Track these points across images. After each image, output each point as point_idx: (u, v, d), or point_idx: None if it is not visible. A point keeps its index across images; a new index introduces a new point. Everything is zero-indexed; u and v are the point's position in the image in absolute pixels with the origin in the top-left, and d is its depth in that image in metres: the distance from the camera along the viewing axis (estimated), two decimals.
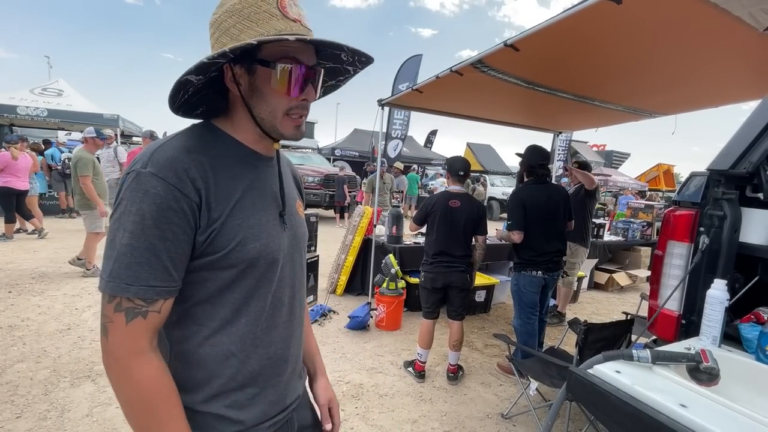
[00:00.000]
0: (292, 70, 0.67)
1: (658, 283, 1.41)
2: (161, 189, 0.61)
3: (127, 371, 0.61)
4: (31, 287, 4.09)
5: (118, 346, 0.61)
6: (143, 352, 0.62)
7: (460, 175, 2.78)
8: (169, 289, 0.63)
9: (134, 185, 0.61)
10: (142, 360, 0.62)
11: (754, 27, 1.92)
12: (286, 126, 0.72)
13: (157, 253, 0.61)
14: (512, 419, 2.45)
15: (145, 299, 0.61)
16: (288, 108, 0.70)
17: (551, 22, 1.93)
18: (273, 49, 0.66)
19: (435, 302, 2.81)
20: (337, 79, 0.84)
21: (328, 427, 0.95)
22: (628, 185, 18.70)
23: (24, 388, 2.37)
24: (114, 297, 0.61)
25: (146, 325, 0.62)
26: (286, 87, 0.68)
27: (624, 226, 6.18)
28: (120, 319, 0.61)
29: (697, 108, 3.41)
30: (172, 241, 0.62)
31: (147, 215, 0.60)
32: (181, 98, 0.70)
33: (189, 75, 0.64)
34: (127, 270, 0.60)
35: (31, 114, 8.47)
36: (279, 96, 0.69)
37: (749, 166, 1.19)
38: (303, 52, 0.69)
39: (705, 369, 0.94)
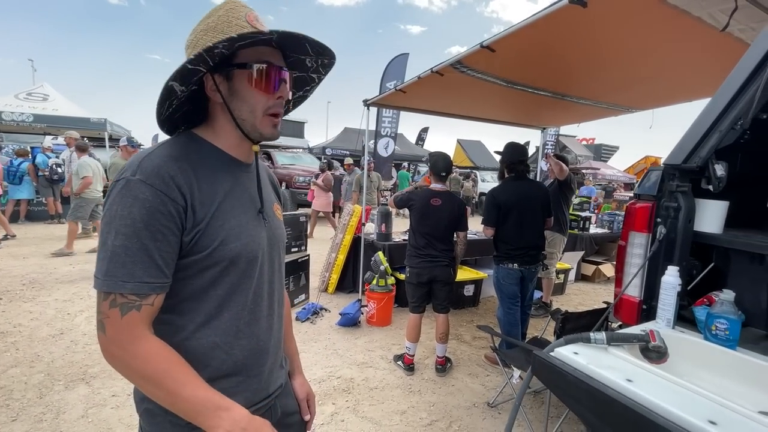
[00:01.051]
0: (267, 68, 0.75)
1: (622, 271, 1.50)
2: (150, 194, 0.67)
3: (132, 353, 0.67)
4: (22, 293, 4.09)
5: (117, 335, 0.67)
6: (142, 335, 0.68)
7: (442, 176, 2.88)
8: (161, 285, 0.70)
9: (125, 191, 0.67)
10: (143, 340, 0.68)
11: (714, 26, 2.02)
12: (264, 125, 0.78)
13: (150, 253, 0.67)
14: (497, 407, 2.55)
15: (139, 294, 0.67)
16: (266, 106, 0.77)
17: (523, 24, 2.01)
18: (248, 54, 0.75)
19: (421, 296, 2.90)
20: (304, 90, 0.92)
21: (307, 417, 1.05)
22: (617, 178, 18.99)
23: (19, 392, 2.41)
24: (109, 294, 0.66)
25: (140, 316, 0.68)
26: (263, 84, 0.76)
27: (610, 219, 6.33)
28: (115, 314, 0.67)
29: (672, 103, 3.53)
30: (161, 242, 0.68)
31: (138, 219, 0.66)
32: (166, 110, 0.77)
33: (174, 81, 0.71)
34: (123, 268, 0.66)
35: (17, 119, 8.39)
36: (257, 95, 0.76)
37: (699, 161, 1.29)
38: (273, 56, 0.77)
39: (653, 348, 1.03)
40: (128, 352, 0.67)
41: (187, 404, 0.68)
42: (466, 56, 2.49)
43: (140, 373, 0.68)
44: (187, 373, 0.70)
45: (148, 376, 0.68)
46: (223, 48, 0.70)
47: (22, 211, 8.16)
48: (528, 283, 3.01)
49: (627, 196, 8.51)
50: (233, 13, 0.75)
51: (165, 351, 0.70)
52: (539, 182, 3.35)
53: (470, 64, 2.65)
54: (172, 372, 0.68)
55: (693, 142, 1.30)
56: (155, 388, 0.68)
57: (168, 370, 0.68)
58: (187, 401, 0.68)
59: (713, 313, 1.14)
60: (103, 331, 0.67)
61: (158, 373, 0.68)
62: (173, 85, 0.73)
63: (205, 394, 0.69)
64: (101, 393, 2.44)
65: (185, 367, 0.70)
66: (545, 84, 3.09)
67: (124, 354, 0.67)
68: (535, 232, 2.96)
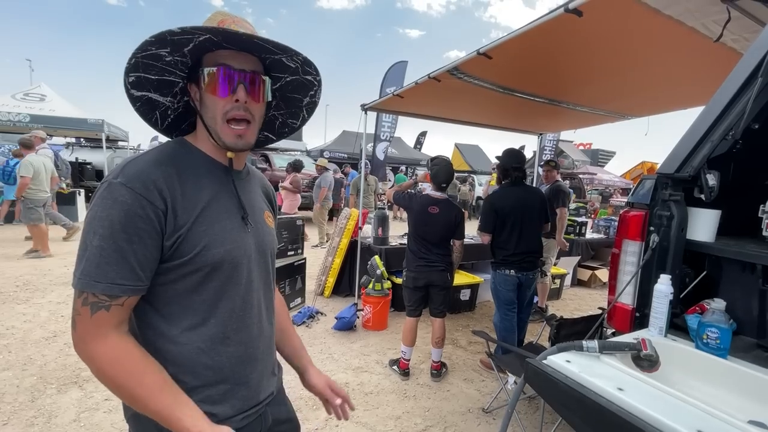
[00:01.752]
0: (215, 71, 0.74)
1: (615, 279, 1.51)
2: (129, 197, 0.68)
3: (95, 351, 0.68)
4: (15, 295, 4.06)
5: (85, 334, 0.68)
6: (108, 335, 0.69)
7: (442, 187, 2.90)
8: (134, 288, 0.70)
9: (105, 194, 0.69)
10: (108, 340, 0.69)
11: (708, 36, 2.04)
12: (225, 134, 0.76)
13: (125, 255, 0.68)
14: (492, 413, 2.55)
15: (110, 295, 0.68)
16: (224, 111, 0.75)
17: (520, 32, 2.03)
18: (208, 59, 0.76)
19: (417, 300, 2.91)
20: (309, 95, 0.91)
21: (338, 401, 1.02)
22: (614, 183, 19.08)
23: (10, 396, 2.39)
24: (83, 293, 0.68)
25: (109, 316, 0.69)
26: (212, 87, 0.74)
27: (606, 224, 6.36)
28: (86, 312, 0.68)
29: (667, 110, 3.57)
30: (138, 244, 0.69)
31: (116, 220, 0.67)
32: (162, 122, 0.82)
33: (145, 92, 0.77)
34: (96, 269, 0.67)
35: (13, 120, 8.36)
36: (213, 99, 0.75)
37: (691, 170, 1.30)
38: (234, 59, 0.75)
39: (645, 356, 1.04)
40: (93, 350, 0.68)
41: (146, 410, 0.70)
42: (463, 63, 2.51)
43: (102, 373, 0.69)
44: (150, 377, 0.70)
45: (109, 377, 0.69)
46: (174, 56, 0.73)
47: (17, 212, 8.11)
48: (526, 289, 3.01)
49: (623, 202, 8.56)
50: (211, 20, 0.77)
51: (130, 353, 0.70)
52: (536, 188, 3.36)
53: (467, 70, 2.67)
54: (133, 376, 0.69)
55: (686, 152, 1.32)
56: (117, 389, 0.69)
57: (129, 372, 0.69)
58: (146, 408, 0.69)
59: (704, 322, 1.15)
60: (74, 329, 0.69)
61: (119, 375, 0.69)
62: (149, 95, 0.78)
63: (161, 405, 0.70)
64: (94, 397, 2.43)
65: (149, 371, 0.70)
66: (542, 91, 3.11)
67: (89, 352, 0.68)
68: (532, 239, 2.95)
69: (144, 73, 0.75)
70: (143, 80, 0.76)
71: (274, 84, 0.85)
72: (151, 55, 0.72)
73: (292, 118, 0.96)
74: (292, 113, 0.95)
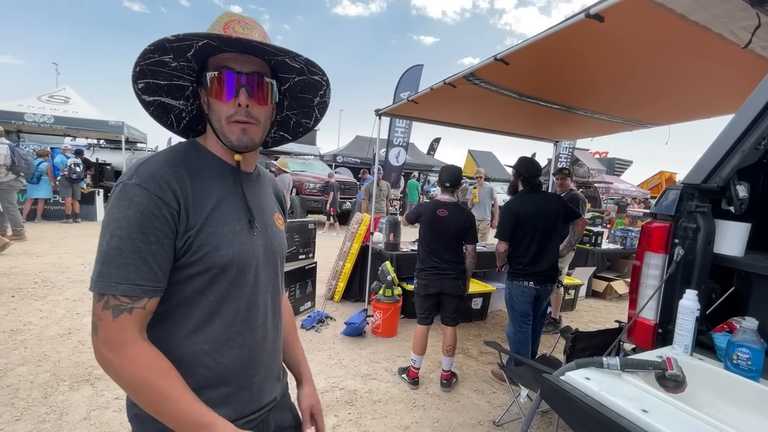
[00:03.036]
0: (218, 75, 0.74)
1: (636, 292, 1.45)
2: (144, 198, 0.68)
3: (120, 357, 0.67)
4: (33, 292, 4.16)
5: (109, 339, 0.67)
6: (133, 340, 0.68)
7: (446, 186, 2.89)
8: (154, 288, 0.69)
9: (121, 195, 0.68)
10: (133, 346, 0.68)
11: (735, 43, 1.97)
12: (231, 131, 0.76)
13: (143, 255, 0.67)
14: (503, 426, 2.48)
15: (131, 297, 0.67)
16: (228, 115, 0.75)
17: (538, 38, 1.99)
18: (213, 62, 0.76)
19: (428, 308, 2.85)
20: (319, 94, 0.89)
21: (310, 431, 1.00)
22: (630, 192, 18.70)
23: (24, 391, 2.43)
24: (103, 296, 0.66)
25: (132, 319, 0.67)
26: (218, 92, 0.74)
27: (622, 234, 6.21)
28: (108, 315, 0.66)
29: (690, 119, 3.46)
30: (155, 245, 0.68)
31: (133, 221, 0.67)
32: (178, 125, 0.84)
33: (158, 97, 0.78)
34: (116, 270, 0.66)
35: (38, 121, 8.64)
36: (216, 103, 0.75)
37: (720, 181, 1.24)
38: (237, 62, 0.74)
39: (670, 376, 0.98)
40: (117, 355, 0.67)
41: (168, 417, 0.68)
42: (479, 68, 2.48)
43: (127, 379, 0.67)
44: (174, 384, 0.69)
45: (132, 384, 0.67)
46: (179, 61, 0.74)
47: (39, 210, 8.36)
48: (542, 301, 2.91)
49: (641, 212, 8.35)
50: (217, 24, 0.77)
51: (154, 359, 0.69)
52: (555, 194, 3.27)
53: (483, 76, 2.63)
54: (157, 382, 0.68)
55: (714, 162, 1.26)
56: (140, 395, 0.68)
57: (153, 379, 0.67)
58: (168, 414, 0.68)
59: (735, 341, 1.09)
60: (96, 333, 0.68)
61: (143, 382, 0.67)
62: (161, 100, 0.79)
63: (188, 409, 0.69)
64: (105, 395, 2.44)
65: (173, 378, 0.69)
66: (559, 98, 3.06)
67: (113, 357, 0.67)
68: (553, 249, 2.84)
69: (152, 79, 0.76)
70: (153, 86, 0.77)
71: (283, 84, 0.85)
72: (155, 62, 0.72)
73: (306, 118, 0.96)
74: (305, 113, 0.95)
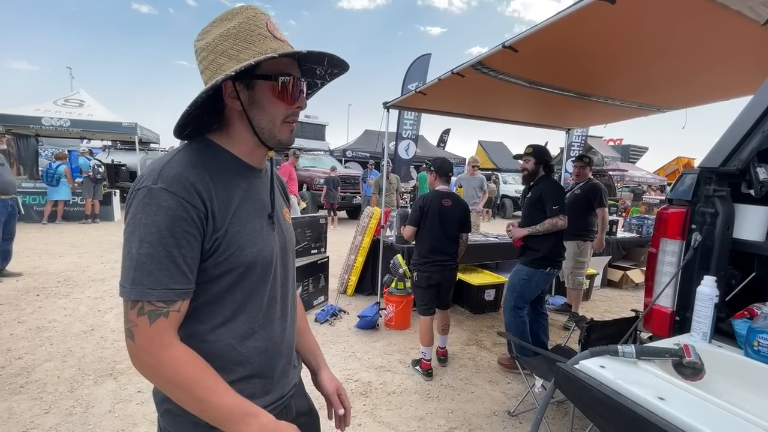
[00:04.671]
0: (289, 81, 0.77)
1: (652, 280, 1.42)
2: (173, 202, 0.68)
3: (161, 360, 0.68)
4: (57, 290, 4.30)
5: (147, 344, 0.68)
6: (171, 343, 0.69)
7: (449, 176, 2.95)
8: (187, 291, 0.71)
9: (147, 200, 0.67)
10: (173, 348, 0.69)
11: (755, 20, 1.90)
12: (283, 132, 0.80)
13: (175, 260, 0.68)
14: (518, 416, 2.48)
15: (166, 301, 0.68)
16: (285, 116, 0.79)
17: (547, 23, 1.95)
18: (270, 65, 0.75)
19: (431, 299, 2.92)
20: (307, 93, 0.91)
21: (341, 411, 1.01)
22: (646, 180, 18.26)
23: (52, 386, 2.52)
24: (136, 303, 0.67)
25: (168, 323, 0.69)
26: (285, 96, 0.77)
27: (638, 223, 6.08)
28: (144, 322, 0.67)
29: (707, 102, 3.35)
30: (186, 248, 0.69)
31: (163, 226, 0.67)
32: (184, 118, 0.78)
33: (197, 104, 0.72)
34: (149, 277, 0.66)
35: (55, 125, 8.84)
36: (279, 105, 0.77)
37: (739, 164, 1.20)
38: (293, 67, 0.79)
39: (688, 364, 0.96)
40: (157, 359, 0.68)
41: (215, 411, 0.70)
42: (488, 57, 2.44)
43: (170, 381, 0.69)
44: (215, 380, 0.71)
45: (177, 384, 0.69)
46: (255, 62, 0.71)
47: (59, 212, 8.60)
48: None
49: (657, 199, 8.14)
50: (254, 21, 0.75)
51: (193, 358, 0.71)
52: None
53: (492, 64, 2.59)
54: (201, 380, 0.69)
55: (732, 144, 1.22)
56: (184, 395, 0.69)
57: (196, 377, 0.69)
58: (216, 408, 0.70)
59: (756, 328, 1.06)
60: (132, 339, 0.68)
61: (187, 381, 0.69)
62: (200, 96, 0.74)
63: (233, 401, 0.71)
64: (128, 389, 2.52)
65: (212, 375, 0.71)
66: (571, 84, 2.99)
67: (154, 362, 0.68)
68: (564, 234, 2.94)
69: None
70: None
71: None
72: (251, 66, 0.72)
73: None
74: None
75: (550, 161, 2.99)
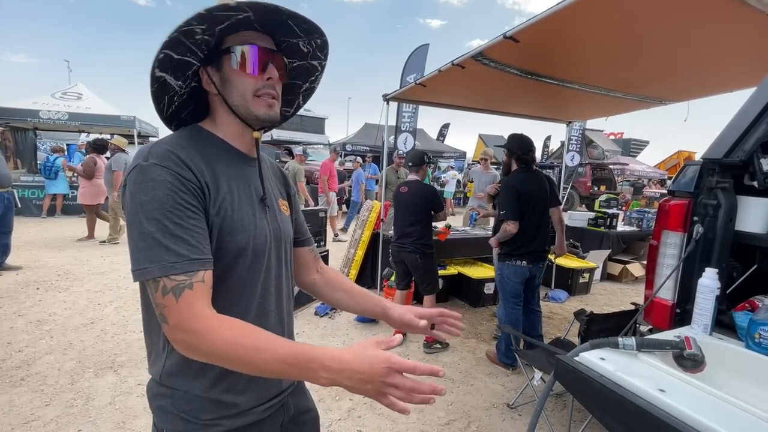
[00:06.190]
0: (248, 50, 0.74)
1: (653, 272, 1.42)
2: (167, 176, 0.66)
3: (198, 333, 0.63)
4: (57, 284, 4.30)
5: (180, 320, 0.63)
6: (203, 313, 0.64)
7: (409, 165, 3.25)
8: (206, 260, 0.67)
9: (141, 177, 0.66)
10: (206, 318, 0.64)
11: (760, 10, 1.87)
12: (258, 106, 0.76)
13: (186, 230, 0.66)
14: (517, 409, 2.49)
15: (187, 273, 0.64)
16: (255, 89, 0.75)
17: (548, 13, 1.92)
18: (232, 39, 0.75)
19: (401, 275, 3.29)
20: (310, 81, 0.90)
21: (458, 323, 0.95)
22: (647, 174, 18.22)
23: (52, 378, 2.53)
24: (158, 283, 0.63)
25: (195, 294, 0.64)
26: (248, 66, 0.74)
27: (638, 216, 6.07)
28: (170, 300, 0.64)
29: (710, 94, 3.33)
30: (192, 218, 0.67)
31: (164, 200, 0.65)
32: (167, 107, 0.79)
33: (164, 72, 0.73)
34: (167, 251, 0.63)
35: (53, 118, 8.78)
36: (244, 78, 0.75)
37: (743, 155, 1.19)
38: (260, 39, 0.76)
39: (689, 356, 0.96)
40: (194, 334, 0.63)
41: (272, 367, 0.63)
42: (489, 47, 2.41)
43: (213, 350, 0.63)
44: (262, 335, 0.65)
45: (222, 351, 0.63)
46: (205, 34, 0.70)
47: (58, 205, 8.58)
48: (536, 280, 2.94)
49: (657, 192, 8.11)
50: None
51: (229, 321, 0.65)
52: (543, 172, 3.18)
53: (493, 55, 2.56)
54: (246, 339, 0.63)
55: (736, 135, 1.20)
56: (234, 360, 0.64)
57: (241, 337, 0.63)
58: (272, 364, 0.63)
59: (757, 320, 1.06)
60: (166, 322, 0.64)
61: (231, 345, 0.63)
62: (165, 77, 0.74)
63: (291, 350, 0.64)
64: (128, 381, 2.53)
65: (256, 331, 0.66)
66: (572, 76, 2.96)
67: (191, 338, 0.63)
68: (546, 228, 2.91)
69: (170, 50, 0.72)
70: (168, 58, 0.73)
71: None
72: (186, 31, 0.69)
73: (287, 106, 0.95)
74: (288, 101, 0.94)
75: (520, 154, 2.84)
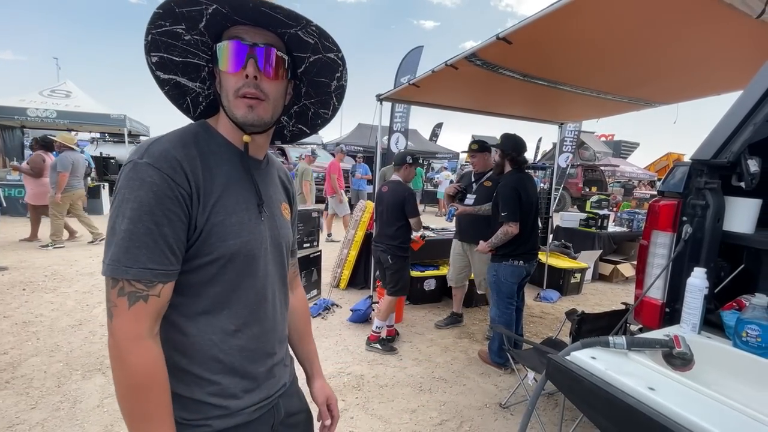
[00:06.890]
0: (227, 45, 0.70)
1: (643, 272, 1.43)
2: (157, 178, 0.65)
3: (124, 355, 0.65)
4: (44, 285, 4.22)
5: (120, 329, 0.65)
6: (142, 337, 0.66)
7: (400, 166, 3.25)
8: (166, 272, 0.67)
9: (132, 174, 0.65)
10: (141, 345, 0.66)
11: (747, 14, 1.90)
12: (237, 108, 0.72)
13: (155, 238, 0.65)
14: (510, 408, 2.50)
15: (145, 283, 0.65)
16: (236, 88, 0.71)
17: (540, 15, 1.93)
18: (224, 36, 0.72)
19: (381, 274, 3.34)
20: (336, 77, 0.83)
21: (328, 422, 1.02)
22: (637, 175, 18.47)
23: (38, 381, 2.48)
24: (117, 282, 0.64)
25: (147, 309, 0.66)
26: (226, 63, 0.71)
27: (629, 217, 6.15)
28: (123, 303, 0.64)
29: (699, 96, 3.37)
30: (168, 226, 0.66)
31: (145, 202, 0.64)
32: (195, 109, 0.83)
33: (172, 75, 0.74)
34: (126, 253, 0.64)
35: (41, 116, 8.64)
36: (227, 76, 0.72)
37: (730, 156, 1.20)
38: (247, 33, 0.71)
39: (678, 354, 0.97)
40: (122, 352, 0.65)
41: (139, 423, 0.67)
42: (482, 48, 2.42)
43: (127, 376, 0.65)
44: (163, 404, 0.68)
45: (124, 384, 0.66)
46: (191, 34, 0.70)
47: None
48: (525, 279, 2.98)
49: (647, 194, 8.22)
50: None
51: (152, 368, 0.67)
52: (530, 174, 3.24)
53: (486, 56, 2.57)
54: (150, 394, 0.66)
55: (724, 136, 1.22)
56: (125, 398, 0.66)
57: (148, 389, 0.66)
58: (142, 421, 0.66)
59: (744, 319, 1.07)
60: (111, 319, 0.66)
61: (134, 388, 0.66)
62: (176, 79, 0.75)
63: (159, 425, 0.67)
64: None
65: (163, 396, 0.68)
66: (564, 77, 2.98)
67: (118, 353, 0.65)
68: (537, 226, 3.02)
69: (166, 53, 0.72)
70: (167, 62, 0.73)
71: (299, 66, 0.81)
72: (167, 32, 0.69)
73: (323, 108, 0.92)
74: (322, 101, 0.90)
75: (514, 155, 2.87)
